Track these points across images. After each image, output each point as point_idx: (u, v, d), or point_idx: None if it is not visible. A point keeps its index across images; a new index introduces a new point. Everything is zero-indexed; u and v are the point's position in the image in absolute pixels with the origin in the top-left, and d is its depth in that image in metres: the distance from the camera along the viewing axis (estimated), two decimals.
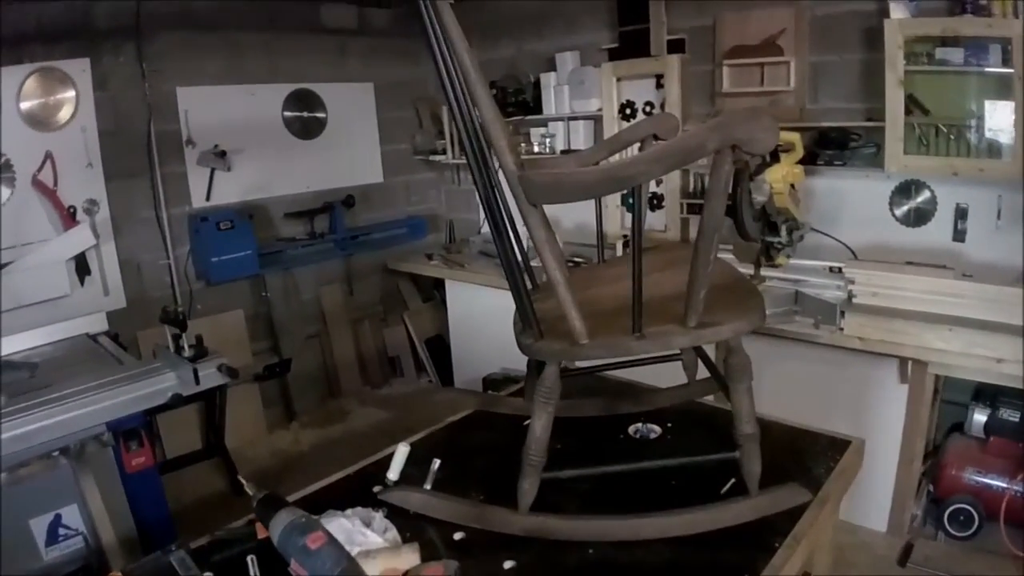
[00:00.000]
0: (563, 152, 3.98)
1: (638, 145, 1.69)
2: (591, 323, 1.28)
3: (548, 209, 1.27)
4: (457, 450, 1.71)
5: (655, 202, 3.74)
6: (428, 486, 1.45)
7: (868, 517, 2.74)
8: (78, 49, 3.41)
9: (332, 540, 1.04)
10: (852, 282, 2.67)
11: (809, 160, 2.99)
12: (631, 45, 3.60)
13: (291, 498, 1.54)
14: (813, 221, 3.05)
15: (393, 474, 1.48)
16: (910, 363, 2.53)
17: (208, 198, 3.94)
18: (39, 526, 2.18)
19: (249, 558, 1.21)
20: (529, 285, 1.47)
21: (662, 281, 1.43)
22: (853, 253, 2.99)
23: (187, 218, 3.88)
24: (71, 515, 2.23)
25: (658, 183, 3.69)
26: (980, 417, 2.65)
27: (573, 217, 4.02)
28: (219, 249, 3.82)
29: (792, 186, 2.81)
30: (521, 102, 4.14)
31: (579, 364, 1.95)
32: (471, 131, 1.21)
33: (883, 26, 2.68)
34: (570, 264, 3.61)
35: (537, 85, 4.07)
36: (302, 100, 4.27)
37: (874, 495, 2.68)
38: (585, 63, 3.89)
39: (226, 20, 3.85)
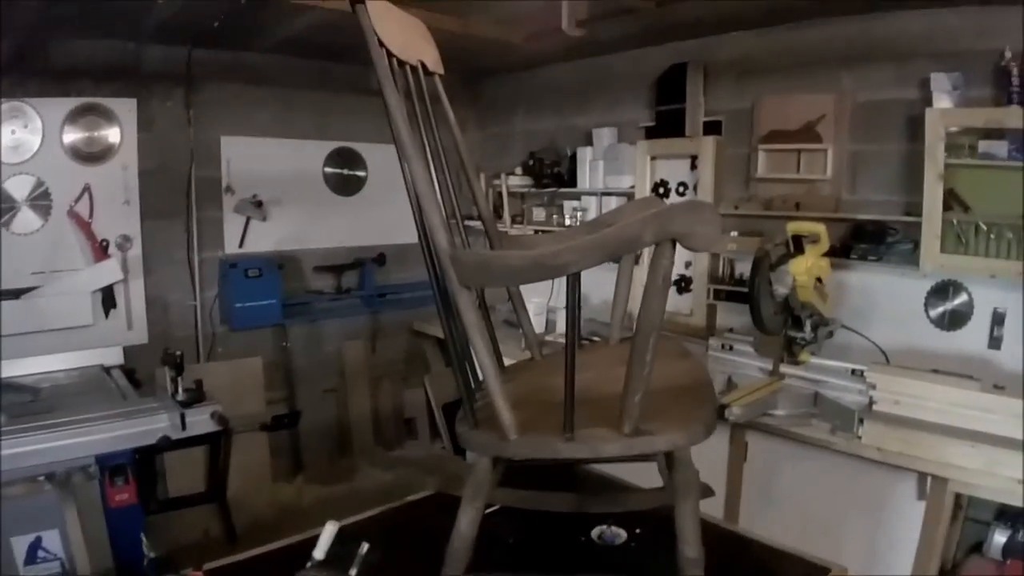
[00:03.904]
0: None
1: None
2: (534, 414, 1.19)
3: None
4: (405, 533, 1.62)
5: (682, 284, 3.63)
6: (354, 571, 1.36)
7: None
8: (127, 89, 3.58)
9: None
10: (874, 387, 2.49)
11: (842, 253, 2.85)
12: (668, 125, 3.56)
13: (221, 563, 1.48)
14: (844, 318, 2.88)
15: (319, 553, 1.39)
16: (929, 479, 2.32)
17: (241, 245, 4.03)
18: (20, 544, 2.23)
19: None
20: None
21: None
22: (885, 355, 2.80)
23: (218, 263, 3.96)
24: (52, 540, 2.27)
25: (686, 265, 3.58)
26: (1000, 539, 2.38)
27: (602, 293, 3.93)
28: (244, 296, 3.89)
29: (819, 279, 2.67)
30: (556, 174, 4.14)
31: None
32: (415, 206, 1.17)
33: (925, 115, 2.57)
34: (584, 342, 3.50)
35: (574, 159, 4.06)
36: (344, 157, 4.37)
37: None
38: (622, 140, 3.87)
39: (277, 76, 4.00)
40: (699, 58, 3.46)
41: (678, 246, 0.98)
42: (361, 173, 4.45)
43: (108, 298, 3.58)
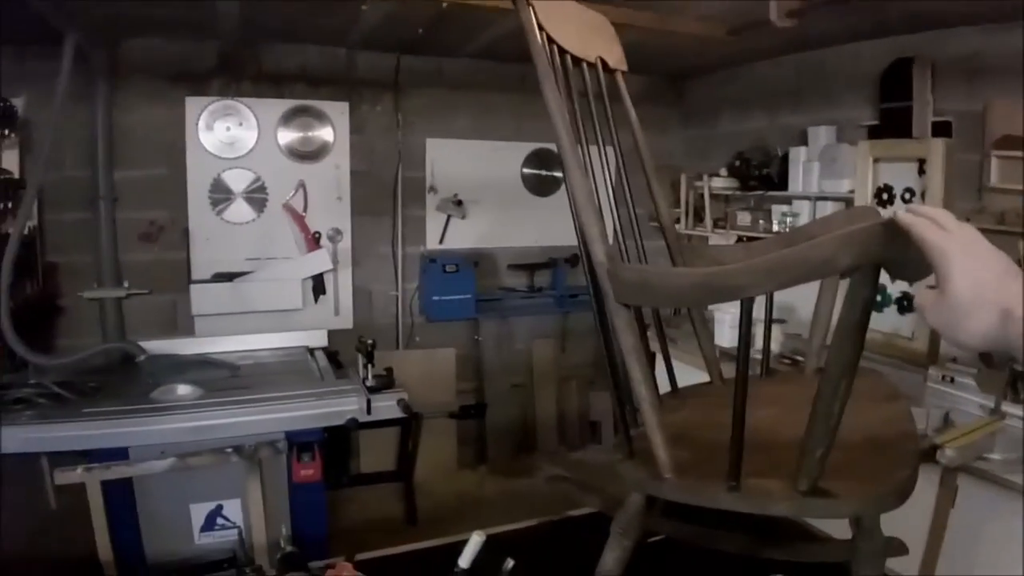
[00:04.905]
0: None
1: None
2: (698, 453, 1.07)
3: (784, 294, 0.98)
4: (556, 552, 1.56)
5: (904, 303, 3.19)
6: None
7: None
8: (339, 93, 3.85)
9: None
10: None
11: None
12: (893, 124, 3.13)
13: (371, 555, 1.52)
14: None
15: (464, 562, 1.38)
16: None
17: (441, 241, 4.21)
18: (199, 511, 2.38)
19: None
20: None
21: None
22: None
23: (420, 257, 4.17)
24: (232, 508, 2.41)
25: (910, 282, 3.15)
26: None
27: (810, 304, 3.58)
28: (441, 289, 4.07)
29: None
30: (765, 176, 3.82)
31: None
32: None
33: None
34: (787, 362, 3.21)
35: (785, 159, 3.73)
36: (541, 159, 4.40)
37: None
38: (841, 139, 3.48)
39: (477, 80, 4.10)
40: (923, 53, 3.03)
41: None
42: (558, 174, 4.44)
43: (318, 285, 3.89)
